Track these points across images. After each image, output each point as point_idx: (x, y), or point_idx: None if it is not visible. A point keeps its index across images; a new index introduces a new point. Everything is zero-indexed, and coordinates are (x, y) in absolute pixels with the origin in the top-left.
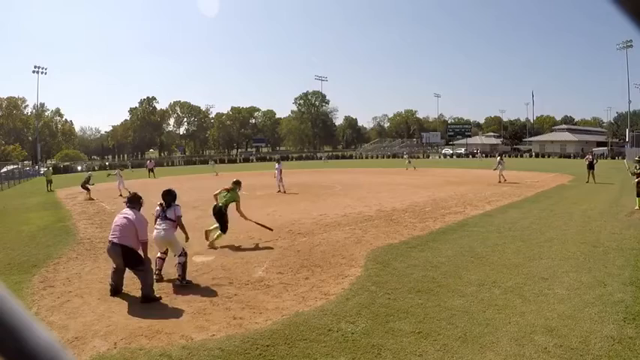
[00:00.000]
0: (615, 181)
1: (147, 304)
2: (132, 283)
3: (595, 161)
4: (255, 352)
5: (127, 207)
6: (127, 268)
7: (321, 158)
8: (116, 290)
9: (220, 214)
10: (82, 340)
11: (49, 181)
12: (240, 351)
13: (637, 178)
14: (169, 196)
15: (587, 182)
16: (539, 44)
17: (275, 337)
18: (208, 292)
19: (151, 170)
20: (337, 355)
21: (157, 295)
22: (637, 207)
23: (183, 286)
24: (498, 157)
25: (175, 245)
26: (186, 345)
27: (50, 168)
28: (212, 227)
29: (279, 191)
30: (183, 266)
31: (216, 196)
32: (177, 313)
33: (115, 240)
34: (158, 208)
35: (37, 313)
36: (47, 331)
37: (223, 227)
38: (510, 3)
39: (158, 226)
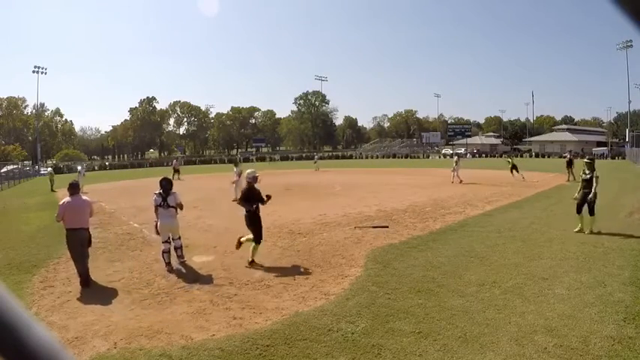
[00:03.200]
0: (600, 180)
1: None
2: (132, 283)
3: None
4: (255, 352)
5: (72, 194)
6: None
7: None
8: (87, 280)
9: (514, 167)
10: (82, 340)
11: (53, 182)
12: (240, 351)
13: (583, 188)
14: (168, 184)
15: (568, 181)
16: (539, 44)
17: (275, 337)
18: (208, 292)
19: (176, 171)
20: (337, 355)
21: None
22: (578, 229)
23: (184, 263)
24: (455, 157)
25: (178, 230)
26: (186, 345)
27: (52, 169)
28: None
29: (235, 200)
30: (181, 248)
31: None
32: (177, 313)
33: (84, 225)
34: (156, 197)
35: (37, 313)
36: (47, 331)
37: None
38: (510, 3)
39: (164, 214)
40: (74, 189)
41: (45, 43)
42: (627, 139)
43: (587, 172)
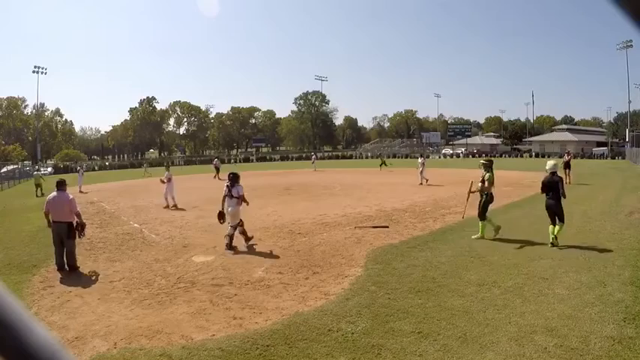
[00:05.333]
0: (596, 182)
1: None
2: (132, 283)
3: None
4: (255, 352)
5: (58, 190)
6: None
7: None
8: (62, 265)
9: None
10: (82, 340)
11: (38, 186)
12: (240, 351)
13: (480, 191)
14: (234, 178)
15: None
16: (539, 44)
17: (275, 337)
18: (208, 292)
19: (217, 170)
20: (337, 355)
21: (78, 265)
22: (479, 234)
23: (251, 245)
24: (420, 159)
25: (237, 217)
26: (186, 345)
27: (41, 170)
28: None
29: (167, 206)
30: (244, 232)
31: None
32: (177, 313)
33: (63, 219)
34: (225, 188)
35: (37, 313)
36: (47, 331)
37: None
38: (511, 3)
39: (229, 203)
40: (59, 185)
41: (45, 43)
42: (627, 139)
43: (484, 173)
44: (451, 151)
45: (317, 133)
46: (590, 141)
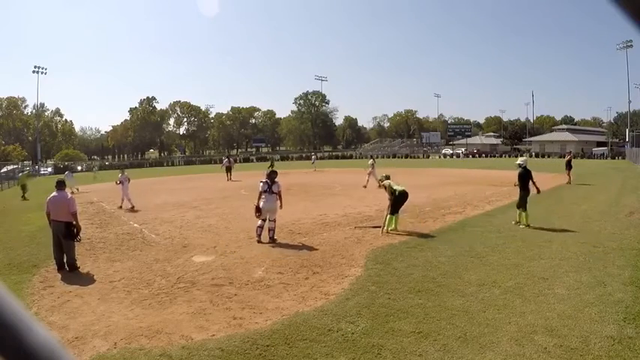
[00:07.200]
0: (596, 182)
1: (74, 273)
2: (132, 283)
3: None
4: (255, 352)
5: (57, 189)
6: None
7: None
8: (61, 264)
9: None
10: (82, 340)
11: (24, 187)
12: (240, 351)
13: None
14: (274, 175)
15: (568, 183)
16: (539, 44)
17: (275, 337)
18: (208, 292)
19: (228, 170)
20: (337, 355)
21: (78, 265)
22: (386, 229)
23: (274, 241)
24: (370, 160)
25: (275, 213)
26: (186, 345)
27: (25, 171)
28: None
29: (120, 207)
30: (274, 230)
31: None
32: (177, 313)
33: (62, 219)
34: (263, 185)
35: (37, 313)
36: (47, 331)
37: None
38: (511, 3)
39: (267, 199)
40: (59, 185)
41: (45, 43)
42: (627, 139)
43: (383, 176)
44: (451, 151)
45: (317, 133)
46: (590, 141)
